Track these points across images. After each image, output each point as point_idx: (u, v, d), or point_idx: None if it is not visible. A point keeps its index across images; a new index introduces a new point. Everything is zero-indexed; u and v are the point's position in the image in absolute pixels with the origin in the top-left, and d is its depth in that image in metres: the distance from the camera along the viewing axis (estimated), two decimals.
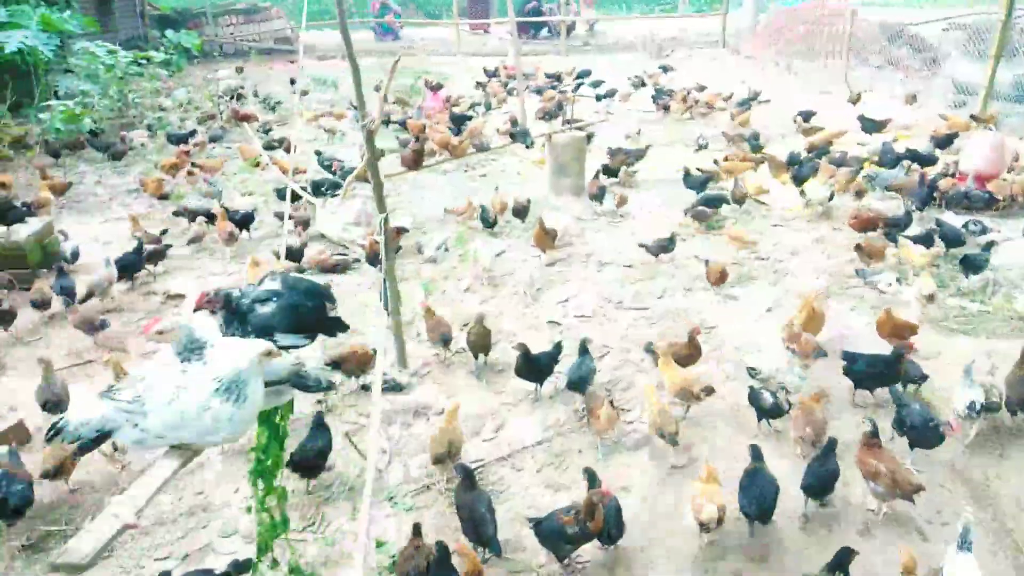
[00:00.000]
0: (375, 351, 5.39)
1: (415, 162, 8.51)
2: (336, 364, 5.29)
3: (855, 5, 17.21)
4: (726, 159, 9.82)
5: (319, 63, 21.88)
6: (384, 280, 5.17)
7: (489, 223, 8.27)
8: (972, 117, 11.31)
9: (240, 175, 10.63)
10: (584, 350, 5.29)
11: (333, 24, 24.69)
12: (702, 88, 15.33)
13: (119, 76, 13.41)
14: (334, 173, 9.41)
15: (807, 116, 12.82)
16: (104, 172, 11.07)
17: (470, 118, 12.73)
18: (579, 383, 5.06)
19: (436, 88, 13.76)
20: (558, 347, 5.35)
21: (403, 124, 12.73)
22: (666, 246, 7.40)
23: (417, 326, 6.22)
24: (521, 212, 8.31)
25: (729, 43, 22.95)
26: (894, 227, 7.75)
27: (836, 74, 17.21)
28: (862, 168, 9.49)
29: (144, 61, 16.73)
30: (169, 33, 18.11)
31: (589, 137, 10.49)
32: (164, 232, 8.06)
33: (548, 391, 5.37)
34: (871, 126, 11.49)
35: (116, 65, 12.96)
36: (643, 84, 16.31)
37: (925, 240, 7.23)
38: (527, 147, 9.37)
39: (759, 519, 3.96)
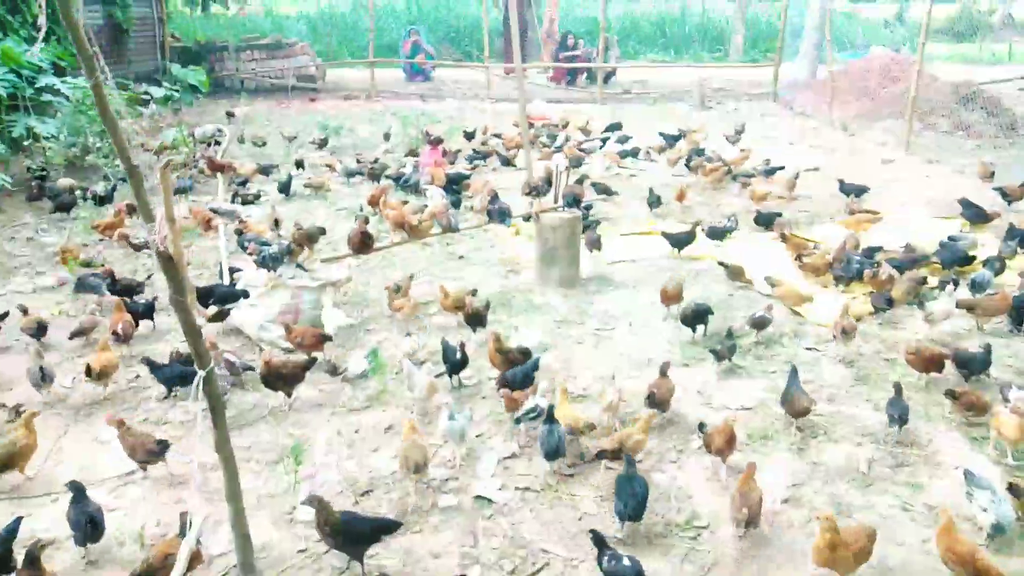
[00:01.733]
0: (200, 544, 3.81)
1: (362, 245, 6.94)
2: None
3: (927, 59, 15.17)
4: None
5: (344, 103, 20.80)
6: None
7: (455, 365, 5.85)
8: None
9: (186, 240, 9.21)
10: (551, 417, 4.81)
11: (362, 62, 23.72)
12: (745, 151, 13.39)
13: (95, 115, 12.30)
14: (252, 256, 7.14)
15: (859, 192, 10.90)
16: (45, 227, 9.84)
17: (467, 177, 11.19)
18: (555, 454, 4.76)
19: (436, 142, 12.29)
20: None
21: (407, 183, 11.21)
22: (733, 347, 6.17)
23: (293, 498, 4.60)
24: (476, 319, 6.53)
25: (782, 96, 21.09)
26: (966, 368, 5.87)
27: (900, 138, 15.22)
28: (924, 271, 7.62)
29: (147, 98, 15.81)
30: (175, 68, 17.17)
31: (582, 204, 8.79)
32: (3, 316, 6.61)
33: None
34: (978, 215, 9.37)
35: (86, 104, 11.82)
36: (678, 139, 14.51)
37: None
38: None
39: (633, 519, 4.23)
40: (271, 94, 21.59)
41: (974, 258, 7.96)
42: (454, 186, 10.86)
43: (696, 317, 6.60)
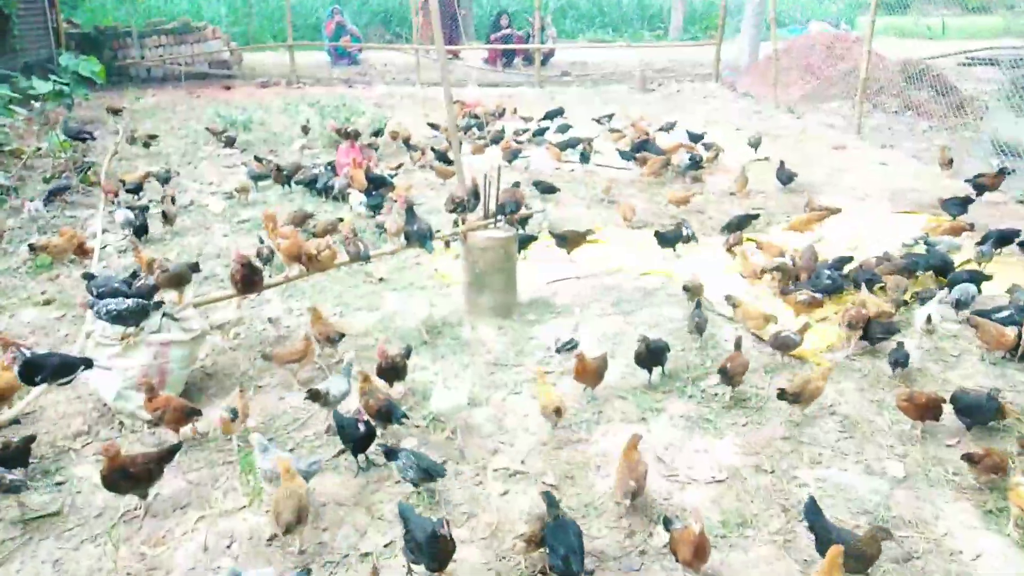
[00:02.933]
0: None
1: (247, 282, 5.68)
2: None
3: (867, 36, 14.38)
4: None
5: (259, 91, 19.15)
6: None
7: (356, 442, 4.56)
8: None
9: (53, 271, 7.79)
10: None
11: (281, 46, 22.01)
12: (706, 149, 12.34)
13: None
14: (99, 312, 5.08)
15: (788, 179, 10.22)
16: None
17: (388, 181, 9.93)
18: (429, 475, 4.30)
19: (352, 136, 10.96)
20: None
21: (324, 188, 9.89)
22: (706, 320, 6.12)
23: None
24: (392, 372, 5.33)
25: (724, 77, 20.28)
26: (969, 416, 4.99)
27: (850, 120, 14.51)
28: (907, 282, 6.75)
29: (33, 93, 14.01)
30: (65, 57, 15.35)
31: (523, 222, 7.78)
32: None
33: None
34: (959, 207, 8.60)
35: None
36: (608, 120, 13.73)
37: None
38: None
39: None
40: (181, 83, 19.80)
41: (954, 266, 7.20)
42: (376, 190, 9.62)
43: (652, 357, 5.59)
